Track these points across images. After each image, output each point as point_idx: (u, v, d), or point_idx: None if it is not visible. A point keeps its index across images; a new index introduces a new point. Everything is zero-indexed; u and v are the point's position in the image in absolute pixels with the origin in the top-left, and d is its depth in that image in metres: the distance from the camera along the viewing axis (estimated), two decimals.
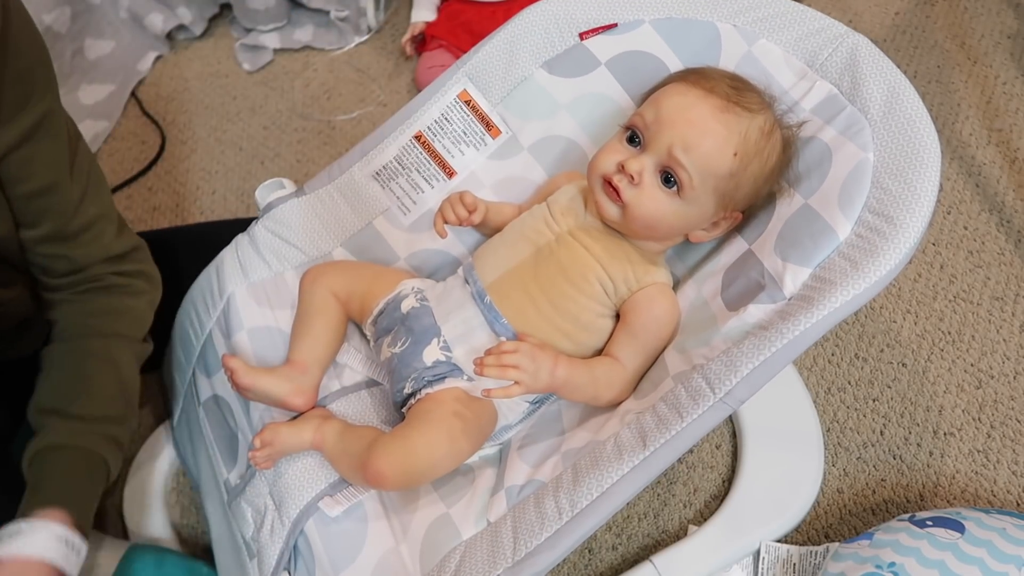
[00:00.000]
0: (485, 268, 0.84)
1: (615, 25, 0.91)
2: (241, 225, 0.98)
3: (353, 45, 1.62)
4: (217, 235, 0.98)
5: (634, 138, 0.78)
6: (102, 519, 1.01)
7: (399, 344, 0.83)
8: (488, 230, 0.91)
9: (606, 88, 0.91)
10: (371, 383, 0.91)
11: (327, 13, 1.61)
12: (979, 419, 1.08)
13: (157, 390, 1.09)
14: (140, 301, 0.84)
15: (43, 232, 0.75)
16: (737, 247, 0.81)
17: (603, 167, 0.78)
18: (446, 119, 0.93)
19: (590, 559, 0.99)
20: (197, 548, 1.01)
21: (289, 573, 0.78)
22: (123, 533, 1.00)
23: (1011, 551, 0.81)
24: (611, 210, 0.78)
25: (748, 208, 0.81)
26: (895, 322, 1.18)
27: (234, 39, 1.62)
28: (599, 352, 0.82)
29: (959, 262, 1.23)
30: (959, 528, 0.84)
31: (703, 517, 1.01)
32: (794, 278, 0.72)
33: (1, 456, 0.80)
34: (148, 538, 0.99)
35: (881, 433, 1.07)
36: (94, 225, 0.78)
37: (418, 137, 0.93)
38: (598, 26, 0.91)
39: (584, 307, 0.80)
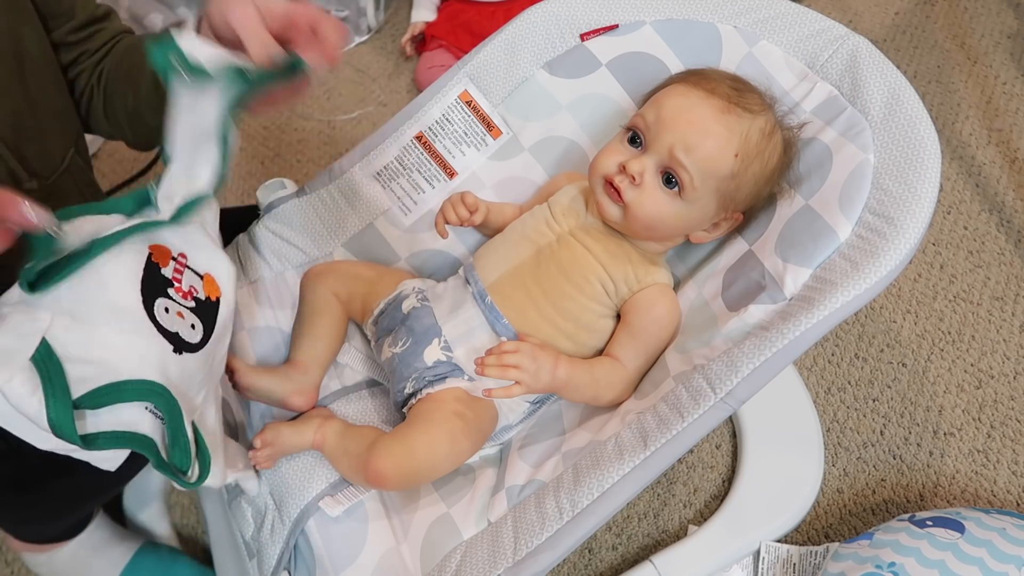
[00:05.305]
0: (486, 268, 0.84)
1: (616, 26, 0.91)
2: (242, 213, 0.97)
3: (353, 45, 1.62)
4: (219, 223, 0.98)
5: (635, 139, 0.78)
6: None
7: (400, 344, 0.83)
8: (489, 230, 0.91)
9: (607, 89, 0.91)
10: (372, 383, 0.91)
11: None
12: (979, 419, 1.08)
13: None
14: None
15: (81, 20, 0.79)
16: (738, 248, 0.81)
17: (604, 168, 0.78)
18: (447, 119, 0.93)
19: (590, 559, 0.99)
20: (197, 548, 1.02)
21: (289, 573, 0.78)
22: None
23: (1011, 551, 0.81)
24: (612, 211, 0.78)
25: (749, 209, 0.81)
26: (895, 322, 1.18)
27: None
28: (600, 352, 0.82)
29: (959, 262, 1.24)
30: (959, 528, 0.84)
31: (703, 517, 1.01)
32: (795, 279, 0.72)
33: None
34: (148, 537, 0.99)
35: (881, 433, 1.08)
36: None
37: (419, 137, 0.94)
38: (599, 27, 0.91)
39: (585, 307, 0.80)
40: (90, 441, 0.56)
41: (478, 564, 0.71)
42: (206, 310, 0.65)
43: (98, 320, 0.56)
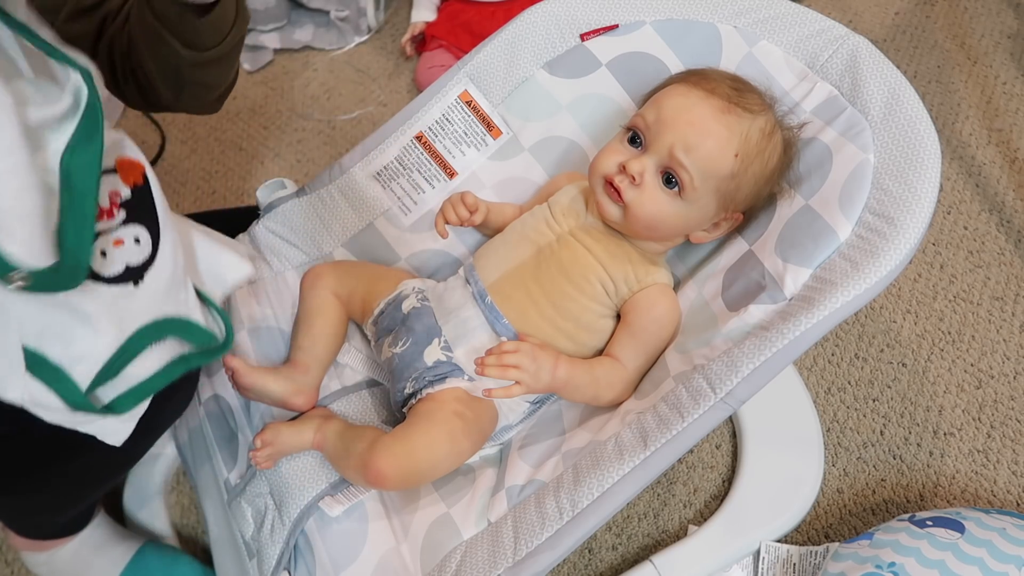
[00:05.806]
0: (486, 268, 0.84)
1: (616, 26, 0.91)
2: (242, 213, 0.97)
3: (353, 45, 1.62)
4: (219, 223, 0.98)
5: (635, 139, 0.78)
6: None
7: (400, 344, 0.83)
8: (489, 230, 0.91)
9: (607, 89, 0.91)
10: (372, 383, 0.91)
11: (327, 13, 1.61)
12: (979, 419, 1.08)
13: None
14: None
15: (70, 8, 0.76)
16: (738, 248, 0.81)
17: (604, 168, 0.78)
18: (447, 119, 0.93)
19: (590, 559, 0.99)
20: (197, 548, 1.01)
21: (289, 573, 0.78)
22: None
23: (1011, 551, 0.81)
24: (612, 211, 0.78)
25: (749, 209, 0.81)
26: (895, 322, 1.18)
27: None
28: (600, 352, 0.82)
29: (959, 262, 1.24)
30: (959, 528, 0.84)
31: (703, 517, 1.01)
32: (795, 279, 0.72)
33: None
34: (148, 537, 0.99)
35: (881, 433, 1.07)
36: None
37: (419, 137, 0.94)
38: (599, 27, 0.91)
39: (585, 307, 0.80)
40: (112, 408, 0.55)
41: (478, 564, 0.71)
42: (139, 205, 0.57)
43: (60, 310, 0.53)
